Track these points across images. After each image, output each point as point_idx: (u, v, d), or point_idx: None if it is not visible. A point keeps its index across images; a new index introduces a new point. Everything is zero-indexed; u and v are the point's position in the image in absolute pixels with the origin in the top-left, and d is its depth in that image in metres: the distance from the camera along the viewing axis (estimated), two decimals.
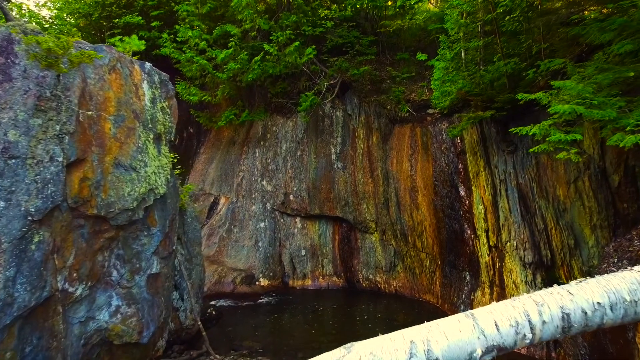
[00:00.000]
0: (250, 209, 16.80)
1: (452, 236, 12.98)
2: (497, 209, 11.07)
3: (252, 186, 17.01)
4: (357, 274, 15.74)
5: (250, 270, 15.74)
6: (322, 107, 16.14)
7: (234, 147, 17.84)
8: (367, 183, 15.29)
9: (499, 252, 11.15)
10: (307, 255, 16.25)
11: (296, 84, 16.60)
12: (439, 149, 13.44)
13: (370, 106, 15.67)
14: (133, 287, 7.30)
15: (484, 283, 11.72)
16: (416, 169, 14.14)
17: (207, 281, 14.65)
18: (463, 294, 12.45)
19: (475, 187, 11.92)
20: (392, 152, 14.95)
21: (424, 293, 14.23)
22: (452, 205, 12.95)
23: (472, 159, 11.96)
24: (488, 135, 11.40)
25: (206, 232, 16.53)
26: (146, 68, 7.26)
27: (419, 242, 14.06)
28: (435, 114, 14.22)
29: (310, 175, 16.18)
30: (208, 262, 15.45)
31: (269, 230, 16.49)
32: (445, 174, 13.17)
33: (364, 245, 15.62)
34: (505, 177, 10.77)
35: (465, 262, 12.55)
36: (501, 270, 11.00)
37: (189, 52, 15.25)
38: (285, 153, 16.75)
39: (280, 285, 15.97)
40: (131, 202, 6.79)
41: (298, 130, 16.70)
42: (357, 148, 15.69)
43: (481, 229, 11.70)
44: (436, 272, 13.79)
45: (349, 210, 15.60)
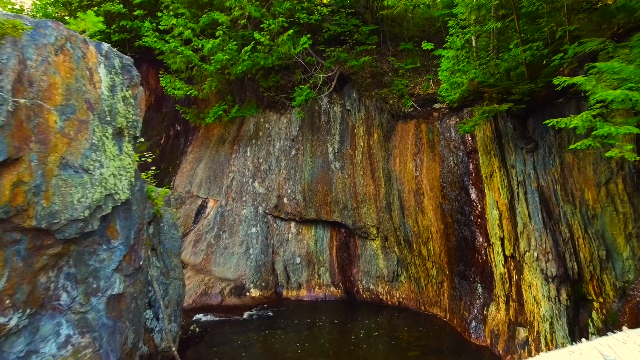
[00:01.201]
0: (240, 213, 15.68)
1: (461, 244, 11.88)
2: (515, 214, 9.96)
3: (243, 188, 15.90)
4: (357, 284, 14.63)
5: (240, 280, 14.63)
6: (319, 102, 15.03)
7: (224, 145, 16.73)
8: (367, 185, 14.18)
9: (516, 263, 10.04)
10: (302, 263, 15.14)
11: (290, 77, 15.49)
12: (447, 147, 12.34)
13: (370, 101, 14.56)
14: (88, 312, 6.19)
15: (498, 297, 10.61)
16: (421, 170, 13.03)
17: (192, 292, 13.55)
18: (475, 308, 11.34)
19: (489, 189, 10.81)
20: (395, 151, 13.84)
21: (430, 306, 13.13)
22: (461, 210, 11.85)
23: (485, 158, 10.86)
24: (504, 131, 10.29)
25: (192, 238, 15.42)
26: (103, 49, 6.14)
27: (424, 250, 12.96)
28: (442, 109, 13.12)
29: (306, 176, 15.07)
30: (194, 272, 14.35)
31: (261, 236, 15.38)
32: (454, 175, 12.06)
33: (364, 253, 14.50)
34: (524, 179, 9.66)
35: (477, 273, 11.45)
36: (519, 284, 9.89)
37: (173, 42, 14.12)
38: (279, 152, 15.65)
39: (273, 296, 14.85)
40: (82, 211, 5.67)
41: (292, 128, 15.59)
42: (357, 146, 14.59)
43: (495, 236, 10.59)
44: (444, 283, 12.68)
45: (347, 215, 14.48)
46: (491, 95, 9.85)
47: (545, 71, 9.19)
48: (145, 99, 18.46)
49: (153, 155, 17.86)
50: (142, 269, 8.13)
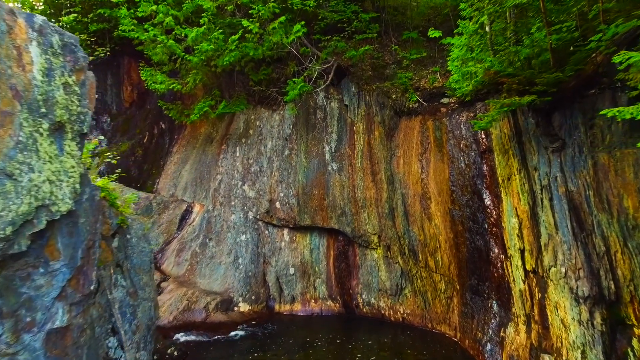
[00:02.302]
0: (228, 219, 14.49)
1: (474, 255, 10.71)
2: (537, 223, 8.78)
3: (232, 191, 14.71)
4: (356, 298, 13.44)
5: (227, 293, 13.43)
6: (314, 97, 13.85)
7: (211, 145, 15.55)
8: (368, 188, 12.99)
9: (539, 279, 8.86)
10: (296, 274, 13.95)
11: (283, 69, 14.31)
12: (457, 147, 11.16)
13: (371, 95, 13.38)
14: (19, 353, 5.00)
15: (517, 317, 9.43)
16: (428, 171, 11.85)
17: (173, 308, 12.36)
18: (490, 328, 10.16)
19: (506, 194, 9.63)
20: (399, 151, 12.66)
21: (437, 323, 11.94)
22: (474, 217, 10.67)
23: (502, 158, 9.68)
24: (524, 128, 9.11)
25: (175, 246, 14.22)
26: (37, 23, 4.95)
27: (431, 261, 11.77)
28: (451, 104, 11.95)
29: (300, 179, 13.89)
30: (176, 284, 13.16)
31: (251, 244, 14.19)
32: (466, 178, 10.89)
33: (365, 263, 13.31)
34: (549, 183, 8.47)
35: (492, 289, 10.27)
36: (543, 303, 8.71)
37: (153, 31, 12.93)
38: (271, 152, 14.46)
39: (264, 311, 13.66)
40: (3, 228, 4.49)
41: (286, 125, 14.41)
42: (356, 146, 13.40)
43: (514, 248, 9.41)
44: (453, 299, 11.49)
45: (346, 221, 13.29)
46: (510, 87, 8.68)
47: (574, 58, 8.02)
48: (128, 94, 17.40)
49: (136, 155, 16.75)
50: (101, 291, 6.96)
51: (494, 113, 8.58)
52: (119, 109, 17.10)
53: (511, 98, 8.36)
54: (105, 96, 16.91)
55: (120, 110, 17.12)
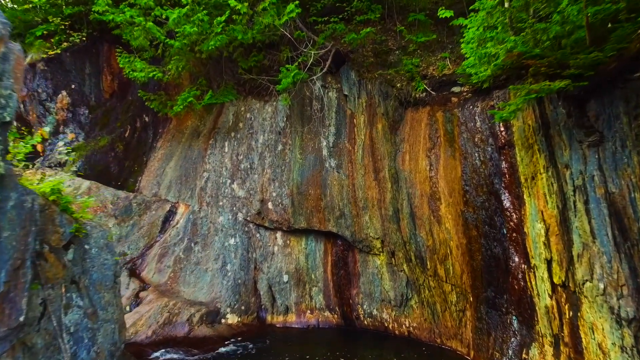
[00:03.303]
0: (216, 221, 13.31)
1: (490, 264, 9.55)
2: (569, 229, 7.62)
3: (219, 190, 13.53)
4: (357, 309, 12.28)
5: (214, 304, 12.27)
6: (310, 87, 12.65)
7: (198, 139, 14.35)
8: (369, 187, 11.80)
9: (569, 294, 7.71)
10: (290, 282, 12.80)
11: (275, 55, 13.10)
12: (471, 141, 9.98)
13: (373, 84, 12.18)
14: None
15: (542, 337, 8.29)
16: (437, 169, 10.68)
17: (152, 322, 11.20)
18: (509, 348, 9.01)
19: (530, 195, 8.47)
20: (404, 146, 11.47)
21: (448, 338, 10.79)
22: (490, 221, 9.51)
23: (526, 154, 8.50)
24: (552, 118, 7.93)
25: (157, 251, 13.04)
26: None
27: (441, 269, 10.62)
28: (463, 93, 10.77)
29: (294, 177, 12.70)
30: (156, 294, 11.99)
31: (241, 248, 13.02)
32: (481, 176, 9.72)
33: (366, 271, 12.15)
34: (583, 183, 7.30)
35: (512, 303, 9.12)
36: (575, 323, 7.56)
37: (130, 11, 11.71)
38: (262, 147, 13.27)
39: (255, 323, 12.51)
40: None
41: (279, 118, 13.21)
42: (357, 140, 12.21)
43: (539, 257, 8.26)
44: (466, 312, 10.34)
45: (345, 224, 12.12)
46: (538, 70, 7.51)
47: (616, 34, 6.84)
48: (107, 84, 16.15)
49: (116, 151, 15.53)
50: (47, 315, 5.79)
51: (518, 101, 7.40)
52: (98, 101, 15.87)
53: (541, 84, 7.18)
54: (83, 86, 15.68)
55: (100, 102, 15.89)
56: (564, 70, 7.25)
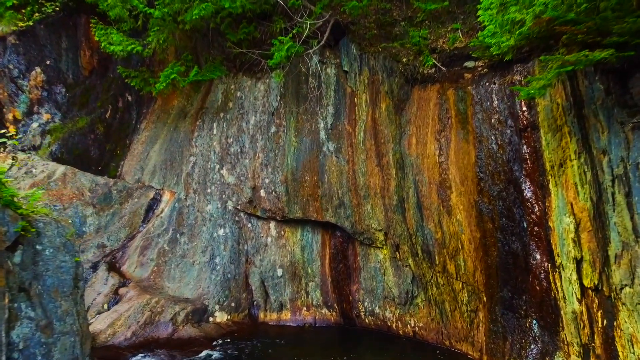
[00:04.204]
0: (204, 210, 12.32)
1: (507, 261, 8.60)
2: (604, 225, 6.64)
3: (207, 176, 12.51)
4: (357, 306, 11.38)
5: (201, 300, 11.35)
6: (306, 62, 11.52)
7: (184, 121, 13.27)
8: (372, 174, 10.78)
9: (603, 300, 6.76)
10: (284, 276, 11.88)
11: (268, 27, 11.95)
12: (487, 122, 8.94)
13: (376, 59, 11.08)
14: None
15: (568, 346, 7.37)
16: (448, 154, 9.66)
17: (132, 321, 10.30)
18: (529, 356, 8.12)
19: (557, 185, 7.46)
20: (411, 128, 10.43)
21: (457, 341, 9.91)
22: (508, 212, 8.53)
23: (553, 137, 7.47)
24: (587, 96, 6.88)
25: (139, 243, 12.07)
26: None
27: (451, 265, 9.67)
28: (478, 68, 9.69)
29: (289, 162, 11.67)
30: (138, 290, 11.06)
31: (231, 240, 12.06)
32: (498, 162, 8.70)
33: (367, 265, 11.20)
34: (625, 171, 6.29)
35: (532, 305, 8.19)
36: (609, 333, 6.62)
37: None
38: (254, 129, 12.21)
39: (246, 321, 11.64)
40: None
41: (272, 97, 12.12)
42: (357, 121, 11.15)
43: (566, 256, 7.29)
44: (479, 313, 9.43)
45: (344, 214, 11.13)
46: (573, 38, 6.44)
47: None
48: (86, 60, 14.93)
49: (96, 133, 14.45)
50: None
51: (550, 75, 6.33)
52: (76, 78, 14.70)
53: (576, 54, 6.11)
54: (59, 62, 14.49)
55: (78, 80, 14.72)
56: (604, 38, 6.20)
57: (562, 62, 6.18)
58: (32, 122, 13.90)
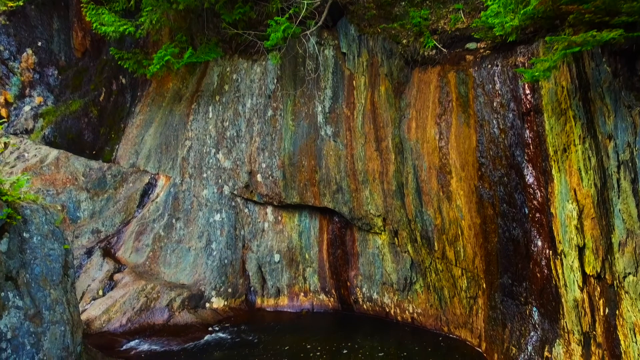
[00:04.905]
0: (199, 195, 12.15)
1: (508, 247, 8.46)
2: (609, 212, 6.47)
3: (203, 161, 12.31)
4: (355, 292, 11.29)
5: (197, 286, 11.25)
6: (303, 44, 11.24)
7: (179, 104, 13.02)
8: (370, 159, 10.59)
9: (605, 288, 6.63)
10: (282, 262, 11.77)
11: (264, 7, 11.63)
12: (489, 106, 8.72)
13: (376, 41, 10.80)
14: None
15: (569, 334, 7.26)
16: (448, 138, 9.47)
17: (128, 307, 10.23)
18: (529, 343, 8.01)
19: (560, 170, 7.28)
20: (410, 111, 10.20)
21: (456, 327, 9.84)
22: (509, 198, 8.36)
23: (557, 121, 7.26)
24: (593, 78, 6.65)
25: (135, 228, 11.92)
26: None
27: (450, 252, 9.54)
28: (480, 49, 9.43)
29: (286, 146, 11.47)
30: (133, 276, 10.95)
31: (227, 225, 11.92)
32: (500, 147, 8.50)
33: (366, 251, 11.08)
34: (632, 157, 6.09)
35: (532, 292, 8.07)
36: (611, 322, 6.50)
37: None
38: (250, 112, 11.97)
39: (243, 307, 11.57)
40: None
41: (268, 79, 11.86)
42: (356, 105, 10.91)
43: (569, 243, 7.14)
44: (478, 299, 9.33)
45: (342, 200, 10.96)
46: (580, 18, 6.18)
47: None
48: (79, 42, 14.59)
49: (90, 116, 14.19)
50: None
51: (555, 56, 6.09)
52: (69, 60, 14.43)
53: (583, 34, 5.86)
54: (51, 44, 14.20)
55: (71, 62, 14.45)
56: (612, 18, 5.95)
57: (569, 43, 5.93)
58: (24, 105, 13.65)
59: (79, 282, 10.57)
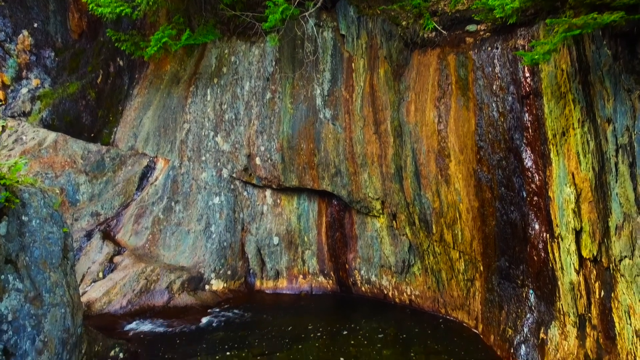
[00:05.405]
0: (198, 177, 12.15)
1: (505, 230, 8.50)
2: (606, 196, 6.48)
3: (202, 144, 12.28)
4: (354, 274, 11.36)
5: (197, 269, 11.32)
6: (302, 25, 11.12)
7: (178, 86, 12.92)
8: (369, 142, 10.56)
9: (601, 271, 6.67)
10: (281, 244, 11.83)
11: None
12: (488, 89, 8.67)
13: (375, 22, 10.68)
14: None
15: (564, 315, 7.34)
16: (447, 121, 9.43)
17: (128, 289, 10.28)
18: (525, 325, 8.10)
19: (558, 154, 7.27)
20: (409, 94, 10.14)
21: (453, 309, 9.93)
22: (508, 182, 8.37)
23: (556, 105, 7.23)
24: (594, 62, 6.60)
25: (134, 211, 11.94)
26: None
27: (448, 234, 9.58)
28: (480, 32, 9.34)
29: (285, 129, 11.43)
30: (133, 258, 11.00)
31: (226, 208, 11.94)
32: (499, 130, 8.48)
33: (364, 234, 11.12)
34: (630, 141, 6.08)
35: (529, 275, 8.13)
36: (607, 305, 6.56)
37: None
38: (249, 95, 11.90)
39: (243, 289, 11.65)
40: None
41: (267, 62, 11.76)
42: (355, 88, 10.85)
43: (566, 226, 7.16)
44: (475, 282, 9.41)
45: (341, 183, 10.97)
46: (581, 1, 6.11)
47: None
48: (75, 23, 14.41)
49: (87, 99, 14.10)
50: None
51: (556, 39, 6.04)
52: (65, 42, 14.25)
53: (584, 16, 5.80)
54: (47, 25, 14.02)
55: (67, 43, 14.28)
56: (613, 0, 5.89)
57: (569, 26, 5.87)
58: (21, 88, 13.53)
59: (79, 264, 10.64)
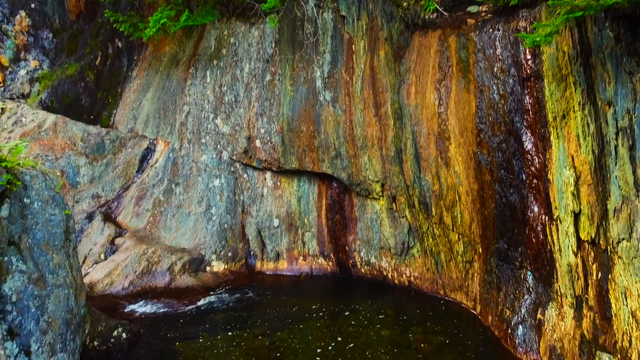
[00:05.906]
0: (199, 160, 12.15)
1: (504, 213, 8.53)
2: (605, 179, 6.50)
3: (202, 126, 12.26)
4: (353, 256, 11.44)
5: (197, 250, 11.40)
6: (302, 6, 11.00)
7: (177, 68, 12.85)
8: (369, 124, 10.54)
9: (599, 253, 6.73)
10: (281, 226, 11.89)
11: None
12: (489, 71, 8.61)
13: (375, 3, 10.57)
14: None
15: (562, 297, 7.42)
16: (448, 104, 9.39)
17: (129, 271, 10.37)
18: (522, 306, 8.19)
19: (558, 136, 7.27)
20: (410, 77, 10.08)
21: (452, 290, 10.03)
22: (507, 164, 8.37)
23: (557, 87, 7.20)
24: (595, 44, 6.55)
25: (134, 193, 11.98)
26: None
27: (447, 217, 9.63)
28: (481, 13, 9.23)
29: (285, 111, 11.39)
30: (134, 240, 11.08)
31: (227, 190, 11.97)
32: (499, 113, 8.45)
33: (364, 216, 11.17)
34: (630, 124, 6.08)
35: (527, 257, 8.19)
36: (604, 286, 6.63)
37: None
38: (248, 77, 11.83)
39: (243, 271, 11.74)
40: None
41: (266, 43, 11.66)
42: (355, 70, 10.78)
43: (565, 209, 7.20)
44: (474, 264, 9.49)
45: (341, 165, 10.97)
46: None
47: None
48: (73, 4, 14.26)
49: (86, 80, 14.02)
50: None
51: (558, 21, 5.99)
52: (63, 23, 14.13)
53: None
54: (45, 6, 13.88)
55: (65, 24, 14.16)
56: None
57: (572, 7, 5.82)
58: (19, 69, 13.46)
59: (80, 246, 10.71)
